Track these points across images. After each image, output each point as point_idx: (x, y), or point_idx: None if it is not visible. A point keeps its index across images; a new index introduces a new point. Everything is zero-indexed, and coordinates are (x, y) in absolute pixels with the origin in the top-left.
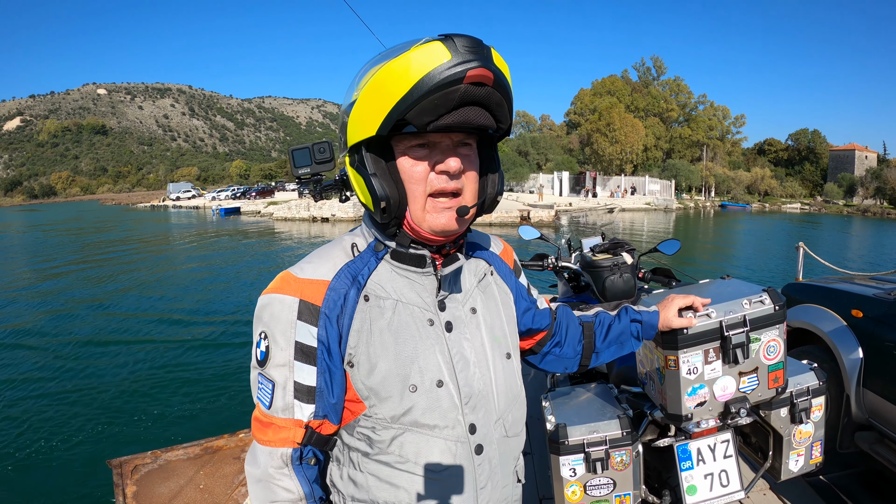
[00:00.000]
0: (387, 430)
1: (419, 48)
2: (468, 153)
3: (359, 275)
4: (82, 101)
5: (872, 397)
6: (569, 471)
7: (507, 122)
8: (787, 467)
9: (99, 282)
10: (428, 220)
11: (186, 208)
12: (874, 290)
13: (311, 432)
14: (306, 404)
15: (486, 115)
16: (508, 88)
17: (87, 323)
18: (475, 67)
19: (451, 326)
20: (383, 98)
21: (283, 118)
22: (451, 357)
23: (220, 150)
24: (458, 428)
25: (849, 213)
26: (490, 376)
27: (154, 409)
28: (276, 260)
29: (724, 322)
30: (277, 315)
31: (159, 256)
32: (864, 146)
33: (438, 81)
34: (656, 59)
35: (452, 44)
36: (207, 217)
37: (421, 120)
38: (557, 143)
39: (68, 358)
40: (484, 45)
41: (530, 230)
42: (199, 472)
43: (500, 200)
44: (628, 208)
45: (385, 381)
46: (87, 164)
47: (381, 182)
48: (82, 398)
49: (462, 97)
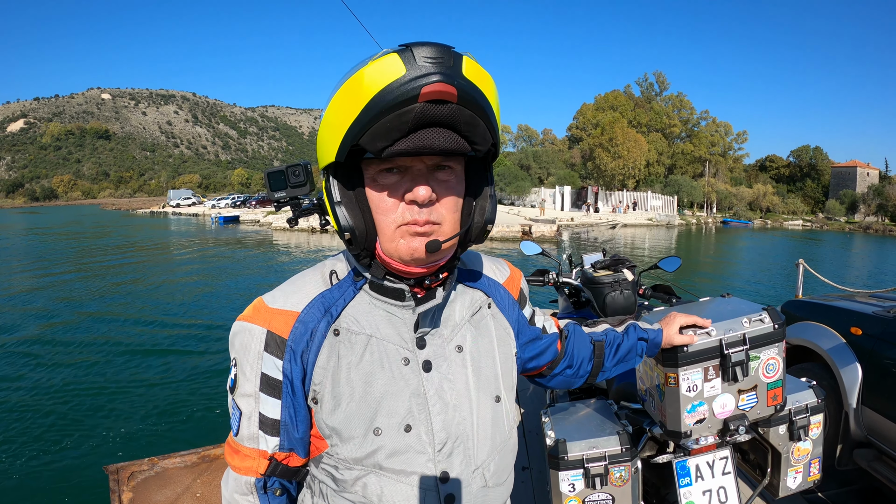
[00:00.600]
0: (350, 471)
1: (373, 63)
2: (447, 178)
3: (333, 306)
4: (86, 106)
5: (871, 415)
6: (568, 486)
7: (484, 143)
8: (785, 484)
9: (94, 288)
10: (399, 250)
11: (186, 215)
12: (873, 307)
13: (275, 464)
14: (271, 437)
15: (452, 137)
16: (483, 103)
17: (82, 329)
18: (432, 83)
19: (429, 366)
20: (338, 121)
21: (285, 128)
22: (427, 399)
23: (222, 158)
24: (426, 476)
25: (851, 229)
26: (472, 421)
27: (152, 416)
28: (271, 275)
29: (724, 340)
30: (246, 345)
31: (154, 266)
32: (865, 163)
33: (389, 101)
34: (659, 75)
35: (410, 56)
36: (206, 225)
37: (374, 145)
38: (559, 157)
39: (65, 364)
40: (451, 53)
41: (532, 245)
42: (196, 481)
43: (490, 230)
44: (630, 224)
45: (347, 421)
46: (90, 168)
47: (346, 212)
48: (80, 404)
49: (418, 118)
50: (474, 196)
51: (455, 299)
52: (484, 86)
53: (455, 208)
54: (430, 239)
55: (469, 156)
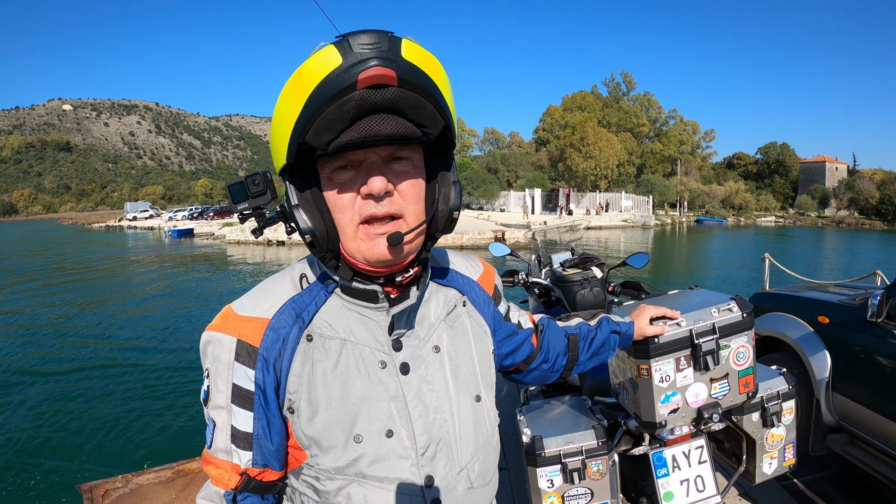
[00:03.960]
0: (331, 481)
1: (311, 57)
2: (404, 168)
3: (304, 311)
4: (47, 117)
5: (842, 400)
6: (546, 482)
7: (434, 126)
8: (761, 470)
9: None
10: (361, 249)
11: (141, 229)
12: (840, 296)
13: (248, 479)
14: (243, 451)
15: (398, 122)
16: (428, 84)
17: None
18: (369, 68)
19: (407, 368)
20: (285, 120)
21: (250, 136)
22: (407, 402)
23: (186, 169)
24: (411, 481)
25: (823, 224)
26: (453, 422)
27: (124, 432)
28: (212, 297)
29: (694, 330)
30: (216, 355)
31: (86, 289)
32: (834, 158)
33: (329, 92)
34: (626, 75)
35: (346, 45)
36: (159, 239)
37: (320, 140)
38: (527, 159)
39: (31, 384)
40: (388, 37)
41: (501, 247)
42: (171, 495)
43: (457, 217)
44: (605, 226)
45: (327, 430)
46: (51, 181)
47: (305, 214)
48: (48, 423)
49: (359, 106)
50: (437, 184)
51: (429, 298)
52: (427, 67)
53: (417, 198)
54: (392, 232)
55: (425, 143)
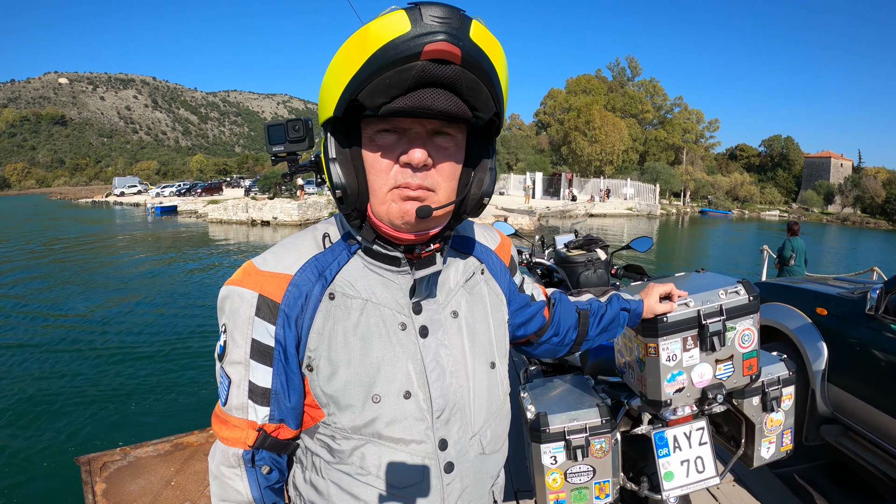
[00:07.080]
0: (347, 441)
1: (379, 18)
2: (447, 145)
3: (326, 270)
4: (43, 90)
5: (837, 392)
6: (549, 458)
7: (486, 111)
8: (759, 454)
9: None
10: (388, 212)
11: (128, 205)
12: (838, 289)
13: (264, 436)
14: (261, 406)
15: (453, 100)
16: (489, 69)
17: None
18: (436, 41)
19: (426, 331)
20: (340, 74)
21: (248, 113)
22: (424, 366)
23: (182, 144)
24: (426, 443)
25: (828, 221)
26: (468, 387)
27: (122, 405)
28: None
29: (702, 311)
30: (236, 309)
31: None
32: (839, 154)
33: (391, 56)
34: (631, 60)
35: (417, 13)
36: (143, 217)
37: (373, 101)
38: (528, 142)
39: (29, 357)
40: (459, 15)
41: (506, 226)
42: (170, 469)
43: (486, 203)
44: (610, 214)
45: (346, 388)
46: (45, 155)
47: (340, 169)
48: (46, 396)
49: (418, 77)
50: (473, 167)
51: (449, 265)
52: (491, 52)
53: (452, 177)
54: (422, 204)
55: (471, 125)
